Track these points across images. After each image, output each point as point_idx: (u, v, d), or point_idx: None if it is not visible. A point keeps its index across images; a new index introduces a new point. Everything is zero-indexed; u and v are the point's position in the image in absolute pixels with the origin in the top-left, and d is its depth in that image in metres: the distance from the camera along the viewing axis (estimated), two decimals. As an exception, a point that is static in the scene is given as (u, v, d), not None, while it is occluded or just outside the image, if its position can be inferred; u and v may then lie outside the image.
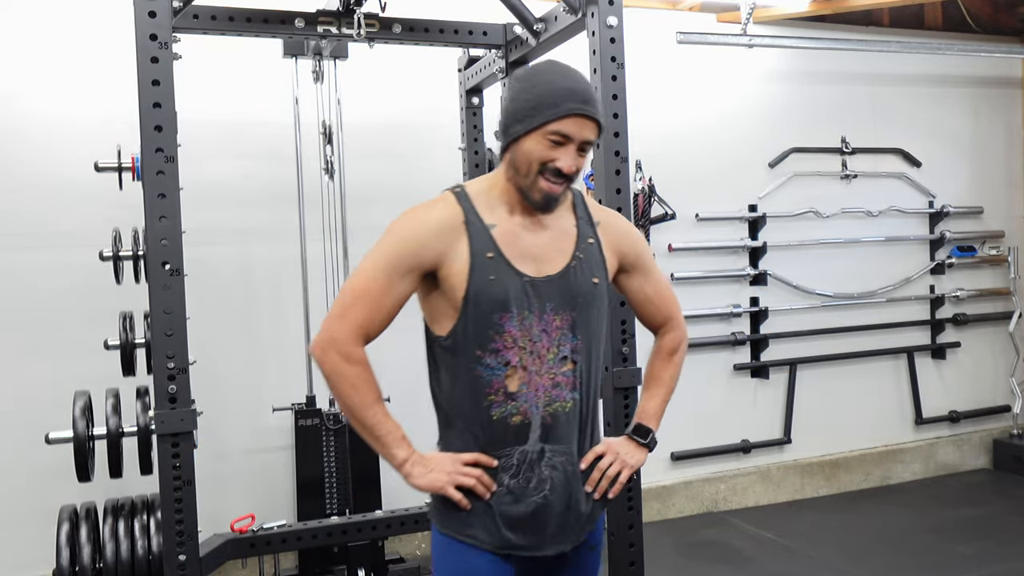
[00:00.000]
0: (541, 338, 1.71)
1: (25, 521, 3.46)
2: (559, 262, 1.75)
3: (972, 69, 5.33)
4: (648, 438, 1.89)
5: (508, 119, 1.72)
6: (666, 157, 4.51)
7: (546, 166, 1.68)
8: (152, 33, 2.46)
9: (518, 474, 1.71)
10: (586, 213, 1.84)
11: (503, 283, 1.68)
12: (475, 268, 1.68)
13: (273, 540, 3.31)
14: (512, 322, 1.68)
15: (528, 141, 1.68)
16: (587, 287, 1.76)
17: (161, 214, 2.48)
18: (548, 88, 1.67)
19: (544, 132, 1.66)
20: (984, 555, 3.97)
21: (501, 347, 1.68)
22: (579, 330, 1.74)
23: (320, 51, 3.58)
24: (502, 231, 1.72)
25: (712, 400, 4.72)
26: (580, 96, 1.67)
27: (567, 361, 1.73)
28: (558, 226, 1.78)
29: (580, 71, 1.76)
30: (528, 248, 1.73)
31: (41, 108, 3.56)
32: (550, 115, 1.65)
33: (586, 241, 1.80)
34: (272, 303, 3.86)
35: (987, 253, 5.37)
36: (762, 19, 4.64)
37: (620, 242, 1.87)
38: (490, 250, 1.70)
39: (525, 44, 3.16)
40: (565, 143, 1.67)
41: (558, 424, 1.72)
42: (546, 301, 1.71)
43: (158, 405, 2.48)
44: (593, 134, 1.70)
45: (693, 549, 4.18)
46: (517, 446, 1.70)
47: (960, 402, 5.37)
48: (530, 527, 1.72)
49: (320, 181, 3.72)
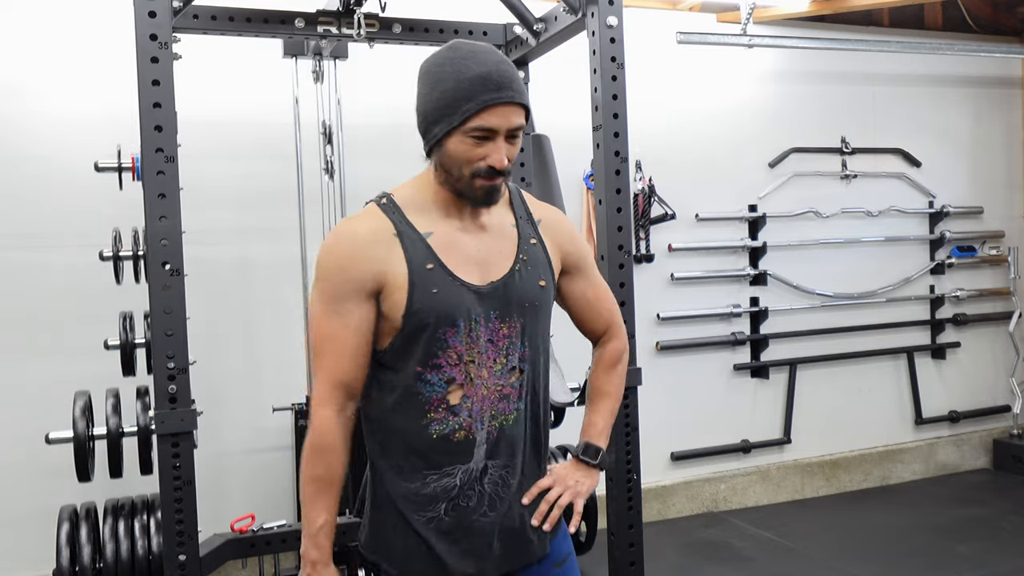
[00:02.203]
0: (487, 349, 1.59)
1: (25, 521, 3.46)
2: (503, 266, 1.62)
3: (972, 69, 5.33)
4: (598, 458, 1.75)
5: (424, 122, 1.57)
6: (666, 157, 4.52)
7: (477, 166, 1.54)
8: (152, 33, 2.45)
9: (459, 495, 1.59)
10: (525, 211, 1.71)
11: (447, 296, 1.55)
12: (415, 283, 1.54)
13: (273, 540, 3.31)
14: (458, 336, 1.56)
15: (450, 142, 1.53)
16: (534, 291, 1.64)
17: (161, 214, 2.48)
18: (457, 80, 1.51)
19: (464, 131, 1.52)
20: (984, 555, 3.97)
21: (444, 363, 1.56)
22: (527, 337, 1.63)
23: (320, 51, 3.58)
24: (440, 238, 1.58)
25: (712, 400, 4.72)
26: (494, 82, 1.50)
27: (515, 371, 1.62)
28: (498, 227, 1.65)
29: (489, 46, 1.59)
30: (470, 253, 1.60)
31: (41, 108, 3.56)
32: (467, 111, 1.50)
33: (528, 242, 1.67)
34: (272, 303, 3.86)
35: (987, 253, 5.37)
36: (762, 19, 4.64)
37: (564, 242, 1.73)
38: (429, 261, 1.56)
39: (525, 44, 3.16)
40: (491, 136, 1.52)
41: (503, 437, 1.60)
42: (491, 309, 1.59)
43: (158, 405, 2.48)
44: (520, 118, 1.55)
45: (693, 549, 4.18)
46: (460, 464, 1.58)
47: (960, 402, 5.37)
48: (476, 551, 1.61)
49: (320, 181, 3.71)
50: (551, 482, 1.70)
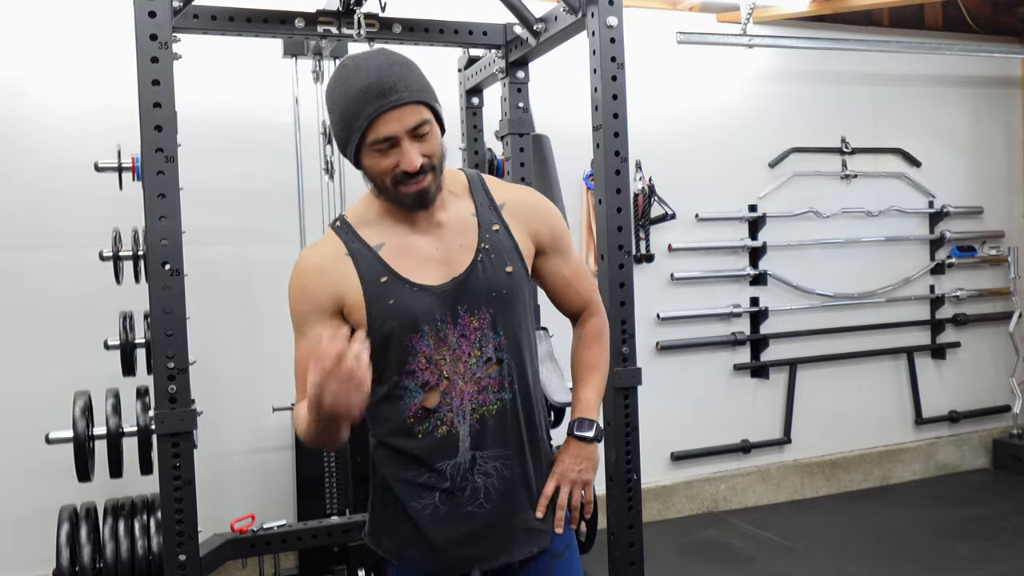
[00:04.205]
0: (460, 344, 1.60)
1: (25, 521, 3.46)
2: (464, 259, 1.62)
3: (972, 69, 5.33)
4: (594, 430, 1.75)
5: (339, 146, 1.60)
6: (666, 157, 4.52)
7: (394, 175, 1.55)
8: (152, 33, 2.45)
9: (452, 488, 1.62)
10: (486, 197, 1.69)
11: (404, 304, 1.57)
12: (370, 298, 1.58)
13: (273, 540, 3.31)
14: (424, 341, 1.58)
15: (363, 159, 1.57)
16: (500, 279, 1.62)
17: (161, 214, 2.48)
18: (345, 100, 1.53)
19: (367, 147, 1.54)
20: (984, 555, 3.97)
21: (416, 368, 1.59)
22: (500, 326, 1.63)
23: (320, 51, 3.58)
24: (392, 248, 1.61)
25: (712, 400, 4.72)
26: (375, 91, 1.50)
27: (492, 362, 1.62)
28: (455, 220, 1.65)
29: (376, 53, 1.57)
30: (428, 254, 1.62)
31: (41, 108, 3.56)
32: (359, 128, 1.52)
33: (490, 229, 1.65)
34: (272, 303, 3.83)
35: (987, 253, 5.37)
36: (762, 19, 4.65)
37: (533, 221, 1.70)
38: (382, 274, 1.59)
39: (525, 44, 3.16)
40: (394, 143, 1.53)
41: (487, 429, 1.62)
42: (457, 305, 1.60)
43: (158, 405, 2.48)
44: (417, 115, 1.53)
45: (693, 549, 4.18)
46: (447, 460, 1.61)
47: (960, 402, 5.37)
48: (470, 540, 1.63)
49: (320, 181, 3.72)
50: (555, 484, 1.71)
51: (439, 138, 1.59)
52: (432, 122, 1.56)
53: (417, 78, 1.55)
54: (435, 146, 1.57)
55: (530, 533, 1.68)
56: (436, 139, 1.57)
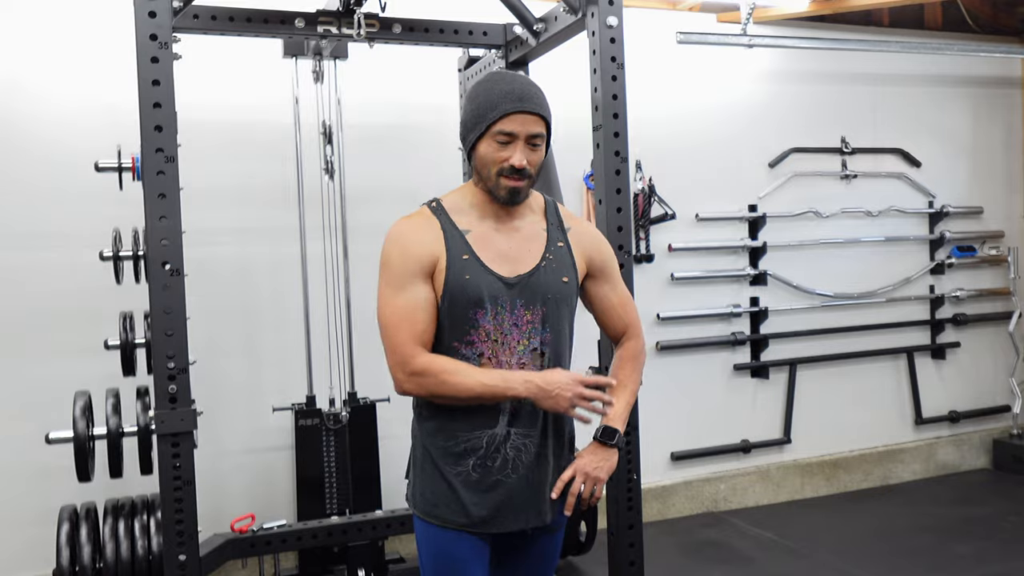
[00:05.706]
0: (512, 331, 1.87)
1: (25, 521, 3.46)
2: (529, 262, 1.91)
3: (972, 69, 5.33)
4: (615, 439, 1.96)
5: (463, 130, 1.92)
6: (666, 157, 4.52)
7: (501, 166, 1.84)
8: (152, 33, 2.46)
9: (485, 455, 1.86)
10: (557, 219, 1.99)
11: (477, 282, 1.84)
12: (451, 269, 1.84)
13: (273, 540, 3.31)
14: (486, 317, 1.85)
15: (481, 146, 1.86)
16: (556, 285, 1.91)
17: (161, 214, 2.48)
18: (488, 95, 1.85)
19: (491, 135, 1.84)
20: (984, 555, 3.97)
21: (476, 339, 1.85)
22: (549, 324, 1.90)
23: (320, 51, 3.58)
24: (476, 235, 1.89)
25: (712, 400, 4.72)
26: (516, 95, 1.83)
27: (536, 352, 1.89)
28: (529, 230, 1.94)
29: (525, 76, 1.95)
30: (501, 250, 1.90)
31: (41, 108, 3.56)
32: (491, 117, 1.83)
33: (556, 244, 1.95)
34: (272, 303, 3.86)
35: (987, 253, 5.37)
36: (762, 19, 4.65)
37: (589, 248, 2.01)
38: (465, 252, 1.86)
39: (525, 44, 3.17)
40: (512, 141, 1.84)
41: (523, 409, 1.87)
42: (517, 298, 1.87)
43: (158, 405, 2.48)
44: (538, 127, 1.86)
45: (693, 549, 4.18)
46: (487, 429, 1.86)
47: (960, 402, 5.37)
48: (495, 505, 1.87)
49: (320, 181, 3.72)
50: (571, 473, 1.93)
51: (543, 156, 1.90)
52: (544, 140, 1.88)
53: (546, 103, 1.89)
54: (539, 160, 1.88)
55: (544, 508, 1.93)
56: (541, 155, 1.89)
